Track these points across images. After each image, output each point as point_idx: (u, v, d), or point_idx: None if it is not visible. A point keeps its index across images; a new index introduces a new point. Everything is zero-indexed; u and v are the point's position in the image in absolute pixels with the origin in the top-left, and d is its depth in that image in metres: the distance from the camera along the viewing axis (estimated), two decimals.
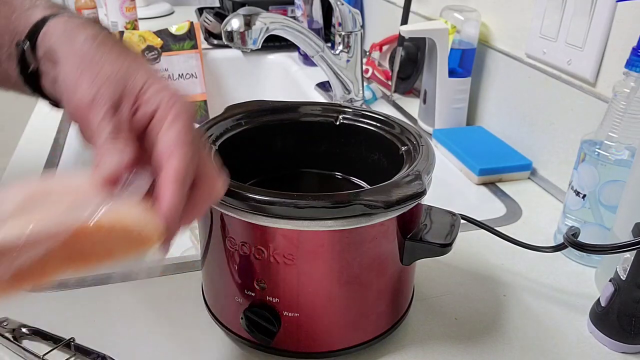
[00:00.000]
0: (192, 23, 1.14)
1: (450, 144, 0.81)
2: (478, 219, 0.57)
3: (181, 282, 0.54)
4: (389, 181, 0.41)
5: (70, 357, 0.44)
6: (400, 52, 0.92)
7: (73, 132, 0.83)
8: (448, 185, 0.75)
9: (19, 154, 0.77)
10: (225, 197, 0.39)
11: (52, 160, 0.75)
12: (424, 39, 0.86)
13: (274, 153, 0.54)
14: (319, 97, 1.05)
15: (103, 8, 1.32)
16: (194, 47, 1.14)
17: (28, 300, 0.50)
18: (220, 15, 1.31)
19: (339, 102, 0.87)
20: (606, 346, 0.48)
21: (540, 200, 0.71)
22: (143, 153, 0.34)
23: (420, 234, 0.44)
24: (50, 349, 0.44)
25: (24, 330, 0.46)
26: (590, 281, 0.56)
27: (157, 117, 0.34)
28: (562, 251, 0.57)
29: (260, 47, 0.73)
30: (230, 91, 1.29)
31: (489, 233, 0.56)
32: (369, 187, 0.47)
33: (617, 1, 0.60)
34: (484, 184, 0.74)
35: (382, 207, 0.38)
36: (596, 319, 0.48)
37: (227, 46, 0.83)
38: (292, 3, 1.29)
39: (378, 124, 0.52)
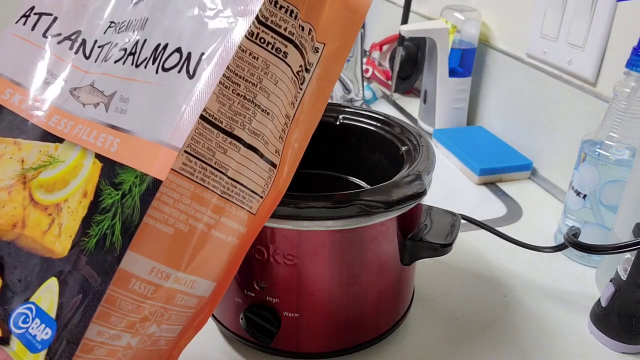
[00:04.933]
0: None
1: (451, 144, 0.81)
2: (478, 219, 0.57)
3: None
4: (389, 181, 0.41)
5: None
6: (400, 51, 0.92)
7: None
8: (448, 185, 0.75)
9: None
10: None
11: None
12: (424, 38, 0.86)
13: None
14: None
15: None
16: None
17: None
18: None
19: (339, 102, 0.87)
20: (607, 346, 0.47)
21: (540, 200, 0.71)
22: None
23: (421, 234, 0.44)
24: None
25: None
26: (590, 281, 0.56)
27: None
28: (563, 251, 0.57)
29: None
30: None
31: (490, 233, 0.56)
32: (369, 187, 0.47)
33: (617, 1, 0.60)
34: (484, 184, 0.74)
35: (382, 207, 0.38)
36: (597, 319, 0.48)
37: None
38: None
39: (378, 124, 0.51)
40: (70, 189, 0.32)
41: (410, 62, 0.99)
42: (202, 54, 0.30)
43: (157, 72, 0.31)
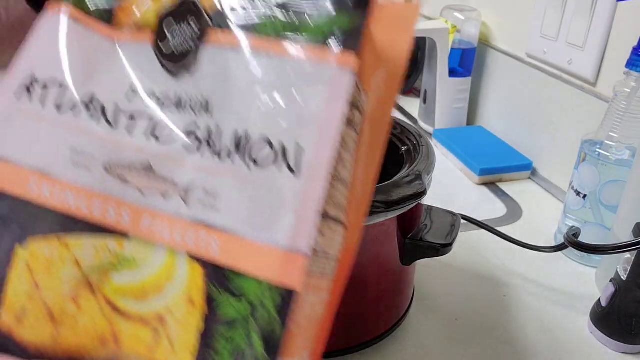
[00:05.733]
0: None
1: (451, 144, 0.81)
2: (478, 219, 0.57)
3: None
4: (389, 181, 0.41)
5: None
6: None
7: None
8: (448, 185, 0.75)
9: None
10: None
11: None
12: (424, 38, 0.86)
13: None
14: None
15: None
16: None
17: None
18: None
19: None
20: (607, 346, 0.47)
21: (540, 200, 0.71)
22: None
23: (421, 234, 0.44)
24: None
25: None
26: (590, 281, 0.56)
27: None
28: (563, 251, 0.57)
29: None
30: None
31: (490, 233, 0.56)
32: None
33: (617, 1, 0.60)
34: (485, 184, 0.74)
35: (382, 207, 0.38)
36: (597, 319, 0.48)
37: None
38: None
39: None
40: (170, 296, 0.28)
41: (410, 62, 0.98)
42: (299, 145, 0.27)
43: (247, 166, 0.28)
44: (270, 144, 0.28)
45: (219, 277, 0.27)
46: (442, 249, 0.43)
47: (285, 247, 0.27)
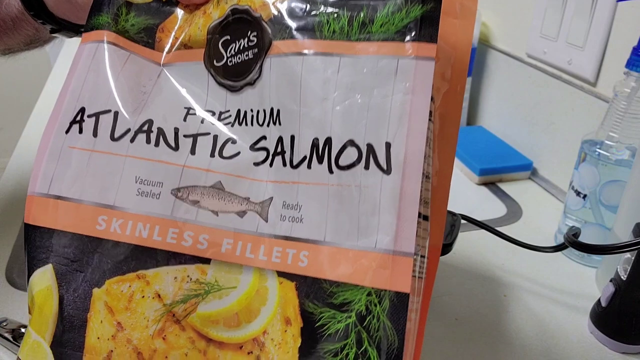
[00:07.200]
0: None
1: None
2: (478, 219, 0.57)
3: None
4: None
5: None
6: None
7: None
8: None
9: (18, 154, 0.77)
10: None
11: None
12: None
13: None
14: None
15: None
16: None
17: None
18: None
19: None
20: (607, 346, 0.47)
21: (540, 200, 0.71)
22: None
23: None
24: None
25: (23, 330, 0.46)
26: (590, 281, 0.56)
27: None
28: (563, 251, 0.57)
29: None
30: None
31: (490, 233, 0.56)
32: None
33: (617, 1, 0.60)
34: (485, 184, 0.74)
35: None
36: (597, 319, 0.48)
37: None
38: None
39: None
40: (265, 318, 0.27)
41: None
42: (388, 143, 0.26)
43: (331, 171, 0.27)
44: (356, 146, 0.27)
45: (317, 291, 0.26)
46: (442, 248, 0.43)
47: (388, 250, 0.25)
